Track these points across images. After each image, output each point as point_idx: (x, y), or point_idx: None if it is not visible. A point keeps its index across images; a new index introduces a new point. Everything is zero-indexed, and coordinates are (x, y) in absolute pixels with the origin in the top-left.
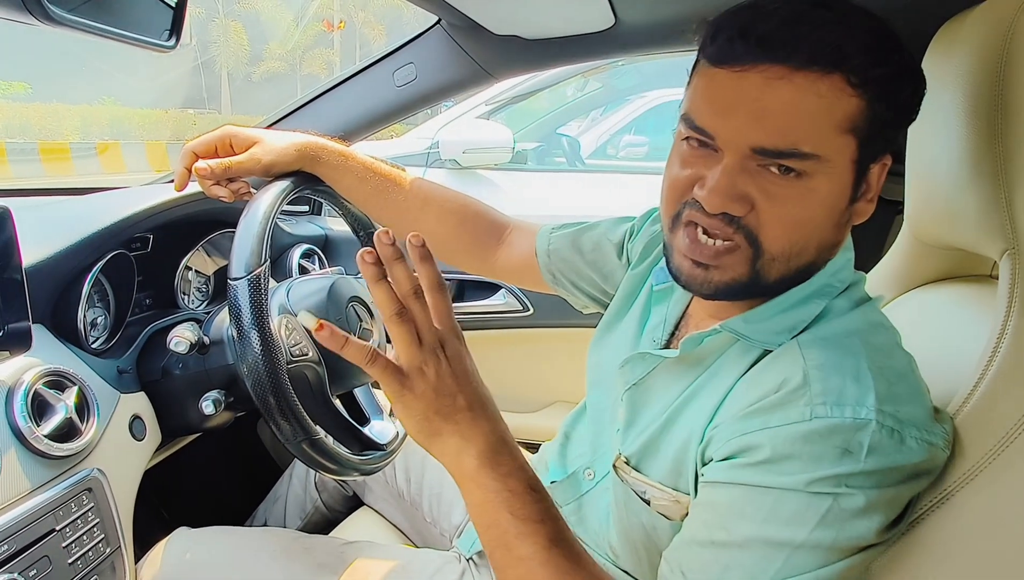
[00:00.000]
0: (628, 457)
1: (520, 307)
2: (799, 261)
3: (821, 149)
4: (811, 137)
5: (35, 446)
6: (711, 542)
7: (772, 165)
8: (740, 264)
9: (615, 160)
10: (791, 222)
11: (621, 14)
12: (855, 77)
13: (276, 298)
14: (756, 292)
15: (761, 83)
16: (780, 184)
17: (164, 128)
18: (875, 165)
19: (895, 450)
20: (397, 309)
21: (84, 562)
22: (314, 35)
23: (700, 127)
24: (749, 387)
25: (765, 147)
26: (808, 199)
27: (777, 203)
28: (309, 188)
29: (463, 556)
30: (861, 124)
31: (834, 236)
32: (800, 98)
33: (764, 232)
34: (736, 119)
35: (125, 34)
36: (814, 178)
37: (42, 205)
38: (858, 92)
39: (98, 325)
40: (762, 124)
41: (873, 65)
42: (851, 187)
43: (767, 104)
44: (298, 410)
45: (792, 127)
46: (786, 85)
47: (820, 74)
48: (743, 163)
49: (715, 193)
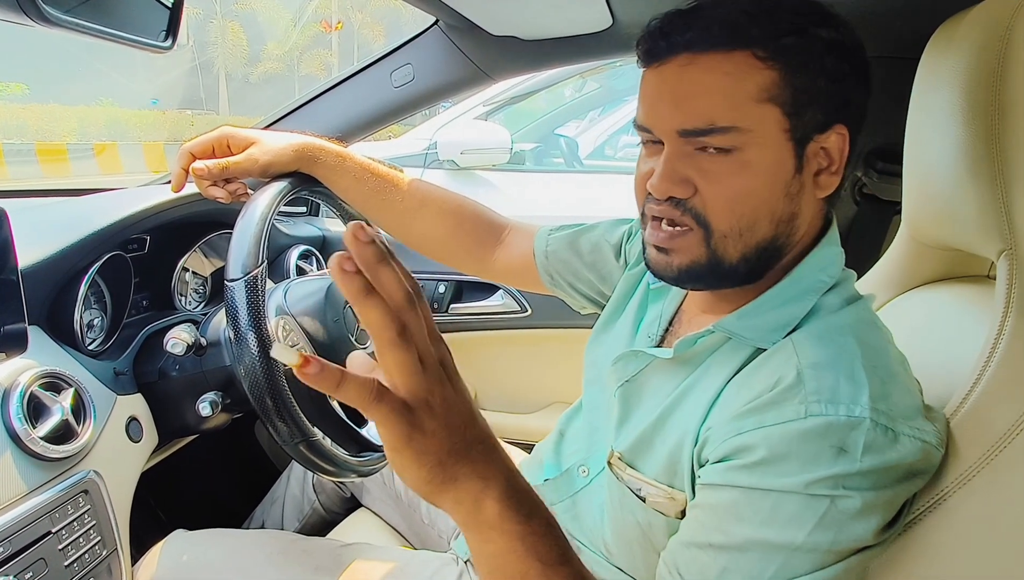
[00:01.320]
0: (622, 453)
1: (518, 308)
2: (754, 236)
3: (739, 121)
4: (725, 111)
5: (31, 448)
6: (709, 545)
7: (703, 146)
8: (695, 245)
9: (613, 161)
10: (732, 196)
11: (618, 15)
12: (761, 50)
13: (273, 299)
14: (724, 275)
15: (676, 71)
16: (715, 162)
17: (161, 129)
18: (824, 135)
19: (889, 448)
20: (398, 330)
21: (80, 564)
22: (312, 36)
23: (640, 124)
24: (742, 386)
25: (686, 128)
26: (744, 172)
27: (715, 180)
28: (306, 189)
29: (460, 558)
30: (779, 93)
31: (787, 207)
32: (709, 78)
33: (709, 210)
34: (661, 109)
35: (121, 35)
36: (745, 151)
37: (39, 206)
38: (769, 64)
39: (95, 327)
40: (680, 108)
41: (780, 36)
42: (792, 157)
43: (683, 89)
44: (295, 411)
45: (706, 105)
46: (695, 69)
47: (724, 53)
48: (680, 149)
49: (660, 180)
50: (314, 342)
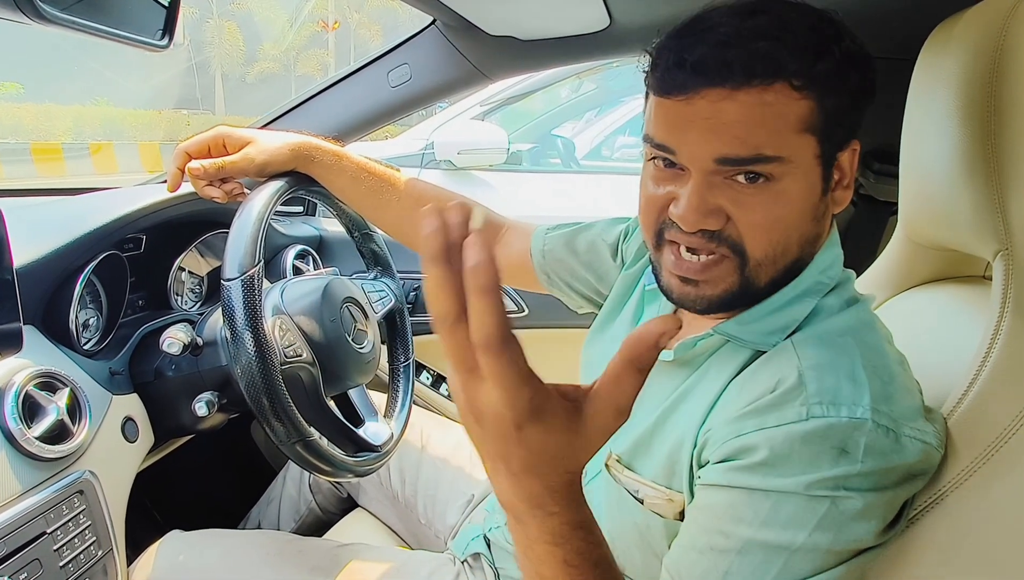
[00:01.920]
0: (620, 455)
1: (514, 308)
2: (785, 260)
3: (783, 151)
4: (771, 141)
5: (26, 448)
6: (710, 548)
7: (739, 174)
8: (729, 274)
9: (610, 161)
10: (768, 225)
11: (616, 15)
12: (797, 80)
13: (270, 299)
14: (749, 299)
15: (708, 106)
16: (749, 192)
17: (157, 129)
18: (843, 153)
19: (891, 449)
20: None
21: (75, 565)
22: (308, 36)
23: (662, 144)
24: (743, 388)
25: (728, 156)
26: (780, 201)
27: (750, 210)
28: (303, 188)
29: (457, 558)
30: (816, 121)
31: (814, 229)
32: (749, 112)
33: (746, 239)
34: (693, 136)
35: (118, 33)
36: (782, 181)
37: (34, 205)
38: (804, 93)
39: (90, 326)
40: (720, 137)
41: (812, 64)
42: (820, 181)
43: (719, 122)
44: (292, 411)
45: (750, 135)
46: (732, 104)
47: (762, 88)
48: (710, 178)
49: (689, 211)
50: (311, 342)
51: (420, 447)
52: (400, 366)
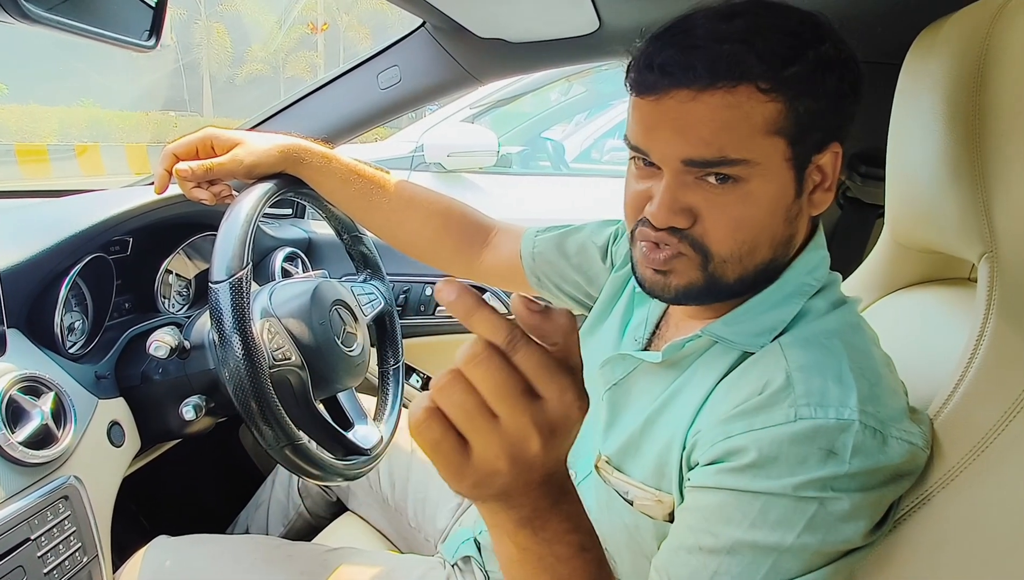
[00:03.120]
0: (609, 457)
1: (505, 311)
2: (753, 260)
3: (749, 153)
4: (736, 144)
5: (9, 453)
6: (698, 548)
7: (708, 175)
8: (691, 269)
9: (599, 164)
10: (734, 225)
11: (606, 18)
12: (764, 83)
13: (258, 302)
14: (720, 293)
15: (676, 106)
16: (718, 191)
17: (144, 130)
18: (822, 155)
19: (878, 450)
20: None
21: (60, 572)
22: (297, 38)
23: (636, 145)
24: (730, 390)
25: (693, 158)
26: (747, 202)
27: (719, 209)
28: (292, 190)
29: (447, 562)
30: (785, 124)
31: (786, 230)
32: (714, 113)
33: (709, 238)
34: (663, 136)
35: (105, 33)
36: (750, 182)
37: (18, 207)
38: (772, 96)
39: (75, 329)
40: (686, 138)
41: (782, 67)
42: (793, 182)
43: (686, 122)
44: (280, 415)
45: (715, 137)
46: (698, 105)
47: (726, 89)
48: (681, 177)
49: (660, 209)
50: (300, 345)
51: (410, 450)
52: (390, 369)
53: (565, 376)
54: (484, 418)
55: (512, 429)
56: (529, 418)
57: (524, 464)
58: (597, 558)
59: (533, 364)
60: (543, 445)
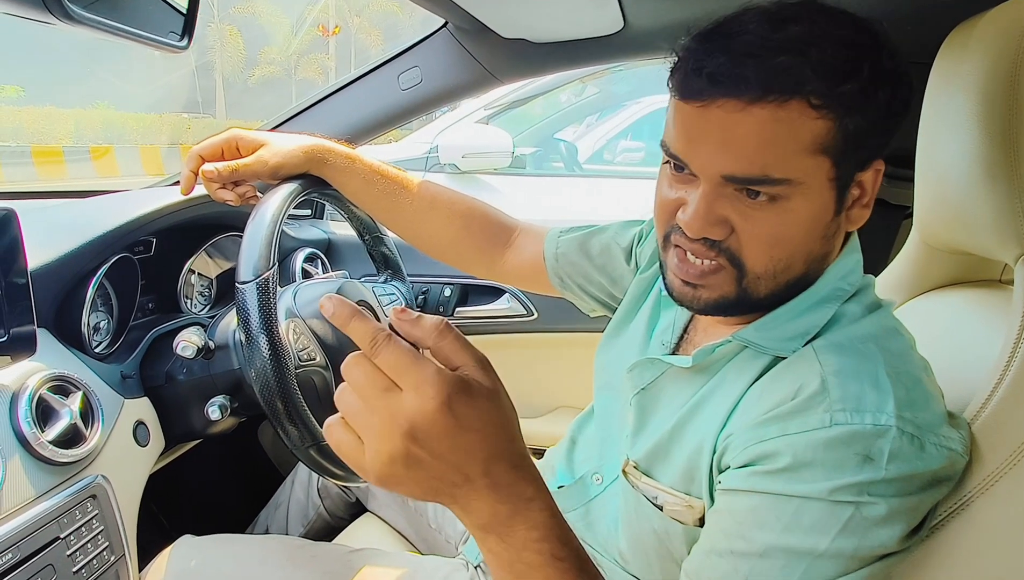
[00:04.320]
0: (637, 462)
1: (524, 311)
2: (787, 276)
3: (792, 173)
4: (780, 163)
5: (40, 452)
6: (730, 551)
7: (747, 190)
8: (726, 283)
9: (612, 165)
10: (770, 242)
11: (630, 17)
12: (816, 99)
13: (283, 302)
14: (748, 307)
15: (723, 116)
16: (757, 207)
17: (158, 132)
18: (864, 173)
19: (916, 457)
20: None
21: (88, 571)
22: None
23: (675, 154)
24: (763, 394)
25: (735, 175)
26: (786, 219)
27: (755, 224)
28: (316, 191)
29: (471, 563)
30: (831, 143)
31: (822, 248)
32: (761, 128)
33: (745, 253)
34: (705, 148)
35: (140, 33)
36: (791, 200)
37: (44, 208)
38: (822, 113)
39: (101, 329)
40: (729, 153)
41: (837, 83)
42: (833, 202)
43: (731, 135)
44: (306, 415)
45: (759, 154)
46: (746, 117)
47: (777, 103)
48: (719, 189)
49: (694, 219)
50: (324, 345)
51: None
52: None
53: (422, 370)
54: (361, 414)
55: (377, 421)
56: (387, 410)
57: (413, 459)
58: (575, 566)
59: (391, 363)
60: (406, 435)
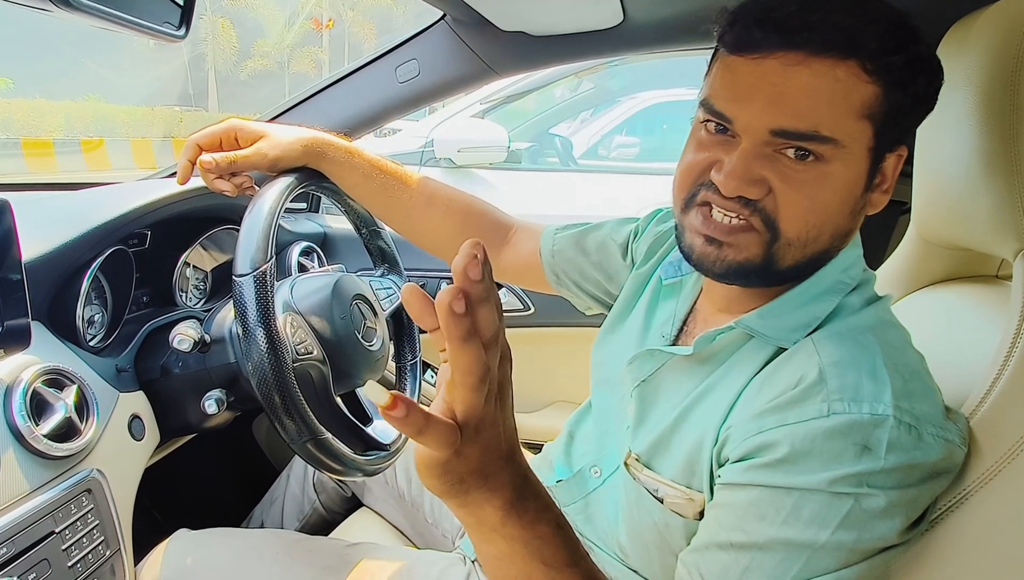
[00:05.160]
0: (639, 454)
1: (521, 306)
2: (815, 247)
3: (839, 133)
4: (830, 121)
5: (34, 446)
6: (730, 544)
7: (789, 149)
8: (755, 245)
9: (607, 160)
10: (808, 206)
11: (630, 11)
12: (870, 64)
13: (280, 295)
14: (767, 277)
15: (779, 69)
16: (797, 168)
17: (150, 126)
18: (891, 155)
19: (914, 446)
20: (483, 374)
21: (84, 565)
22: (303, 33)
23: (720, 111)
24: (764, 385)
25: (786, 128)
26: (825, 184)
27: (794, 187)
28: (314, 184)
29: (468, 557)
30: (877, 111)
31: (848, 223)
32: (818, 83)
33: (781, 215)
34: (755, 104)
35: (138, 22)
36: (831, 163)
37: (37, 199)
38: (874, 79)
39: (95, 323)
40: (781, 108)
41: (888, 52)
42: (866, 174)
43: (786, 89)
44: (304, 409)
45: (812, 110)
46: (804, 70)
47: (836, 60)
48: (760, 148)
49: (732, 176)
50: (321, 339)
51: None
52: (407, 364)
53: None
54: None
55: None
56: None
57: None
58: (572, 537)
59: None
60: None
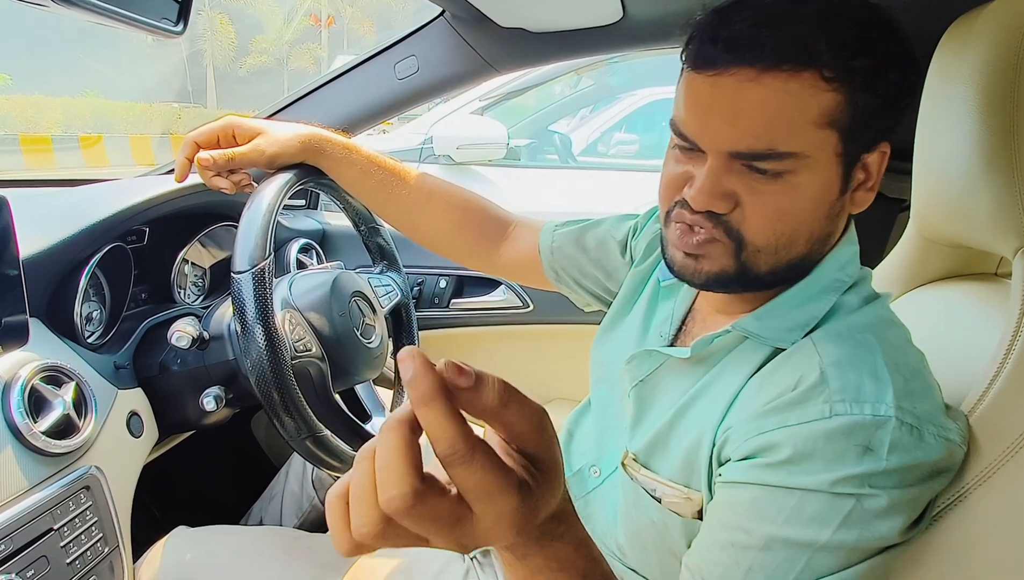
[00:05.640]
0: (636, 454)
1: (520, 303)
2: (789, 253)
3: (799, 146)
4: (786, 136)
5: (32, 443)
6: (731, 544)
7: (753, 165)
8: (724, 255)
9: (606, 157)
10: (774, 215)
11: (630, 7)
12: (828, 71)
13: (279, 292)
14: (748, 284)
15: (734, 85)
16: (764, 180)
17: (148, 122)
18: (870, 154)
19: (915, 447)
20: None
21: (82, 562)
22: (302, 30)
23: (683, 133)
24: (762, 385)
25: (741, 151)
26: (792, 194)
27: (761, 198)
28: (312, 180)
29: (466, 555)
30: (840, 117)
31: (825, 227)
32: (771, 98)
33: (746, 226)
34: (712, 124)
35: (135, 17)
36: (798, 174)
37: (36, 196)
38: (834, 86)
39: (93, 319)
40: (737, 128)
41: (850, 57)
42: (839, 179)
43: (740, 107)
44: (302, 406)
45: (766, 128)
46: (756, 87)
47: (791, 73)
48: (727, 164)
49: (701, 192)
50: (320, 336)
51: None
52: None
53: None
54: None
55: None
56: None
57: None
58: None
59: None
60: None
